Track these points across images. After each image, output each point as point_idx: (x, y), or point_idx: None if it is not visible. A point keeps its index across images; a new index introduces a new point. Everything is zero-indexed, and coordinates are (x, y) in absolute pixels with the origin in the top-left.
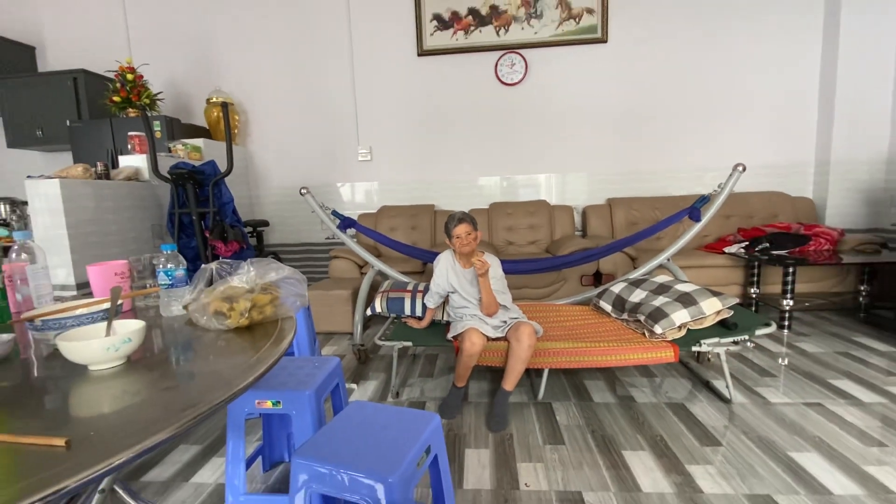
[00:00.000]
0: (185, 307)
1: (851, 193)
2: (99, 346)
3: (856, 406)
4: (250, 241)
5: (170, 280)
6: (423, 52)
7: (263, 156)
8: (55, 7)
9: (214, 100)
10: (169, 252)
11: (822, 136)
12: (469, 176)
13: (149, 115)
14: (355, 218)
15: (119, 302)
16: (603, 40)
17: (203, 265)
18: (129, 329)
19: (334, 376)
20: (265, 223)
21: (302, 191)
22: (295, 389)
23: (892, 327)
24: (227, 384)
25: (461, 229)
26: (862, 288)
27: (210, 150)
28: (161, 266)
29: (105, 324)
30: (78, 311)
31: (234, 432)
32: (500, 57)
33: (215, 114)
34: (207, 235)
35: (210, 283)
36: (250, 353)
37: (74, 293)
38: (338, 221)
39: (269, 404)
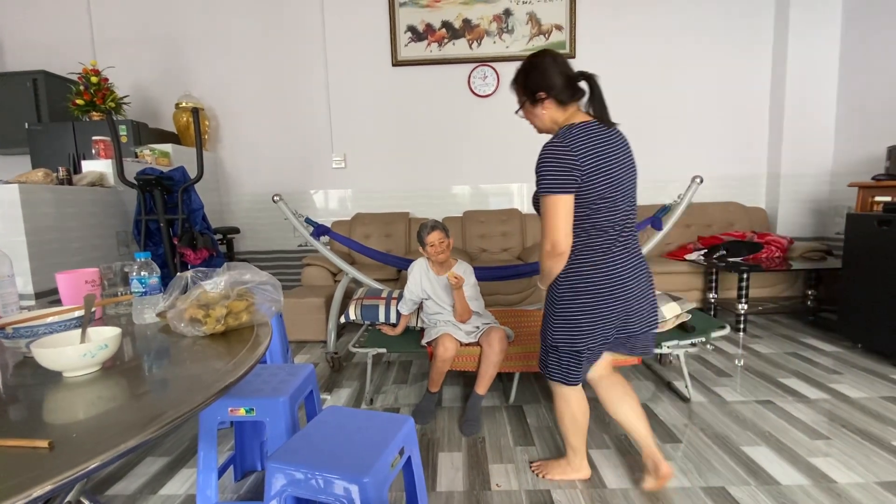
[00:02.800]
0: (160, 315)
1: (799, 204)
2: (75, 352)
3: (803, 403)
4: (220, 248)
5: (143, 288)
6: (397, 63)
7: (235, 162)
8: (15, 6)
9: (184, 105)
10: (143, 260)
11: (772, 151)
12: (443, 184)
13: (114, 118)
14: (329, 225)
15: (91, 309)
16: (571, 56)
17: (178, 273)
18: (105, 336)
19: (308, 383)
20: (236, 230)
21: (274, 198)
22: (269, 396)
23: (837, 329)
24: (205, 388)
25: (434, 237)
26: (809, 292)
27: (179, 156)
28: (134, 274)
29: (79, 331)
30: (49, 319)
31: (206, 441)
32: (473, 69)
33: (185, 119)
34: (176, 243)
35: (185, 290)
36: (227, 358)
37: (33, 303)
38: (311, 229)
39: (242, 412)
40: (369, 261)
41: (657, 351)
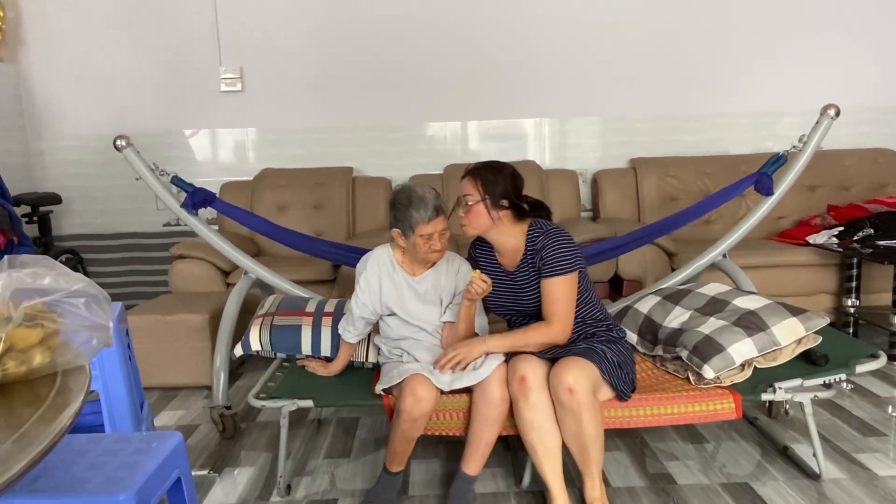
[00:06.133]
0: None
1: None
2: None
3: None
4: (26, 230)
5: None
6: None
7: (51, 83)
8: None
9: None
10: None
11: None
12: (411, 121)
13: None
14: (216, 191)
15: None
16: None
17: None
18: None
19: (172, 465)
20: (55, 199)
21: (119, 143)
22: (98, 493)
23: None
24: None
25: (437, 225)
26: None
27: None
28: None
29: None
30: None
31: None
32: None
33: None
34: None
35: None
36: (2, 433)
37: None
38: (184, 196)
39: None
40: (287, 251)
41: (766, 396)
